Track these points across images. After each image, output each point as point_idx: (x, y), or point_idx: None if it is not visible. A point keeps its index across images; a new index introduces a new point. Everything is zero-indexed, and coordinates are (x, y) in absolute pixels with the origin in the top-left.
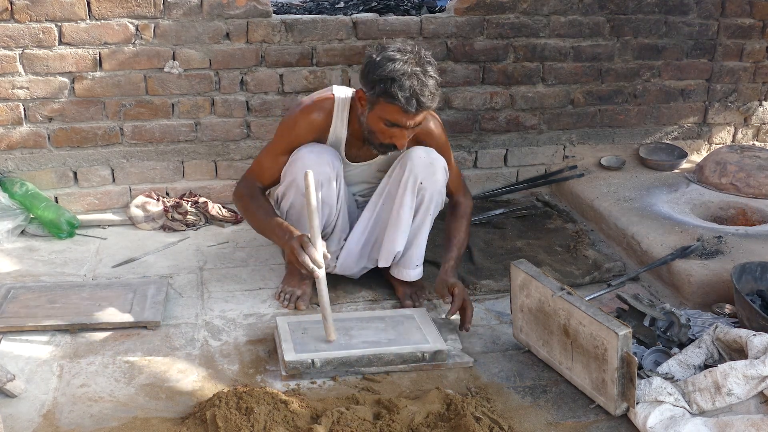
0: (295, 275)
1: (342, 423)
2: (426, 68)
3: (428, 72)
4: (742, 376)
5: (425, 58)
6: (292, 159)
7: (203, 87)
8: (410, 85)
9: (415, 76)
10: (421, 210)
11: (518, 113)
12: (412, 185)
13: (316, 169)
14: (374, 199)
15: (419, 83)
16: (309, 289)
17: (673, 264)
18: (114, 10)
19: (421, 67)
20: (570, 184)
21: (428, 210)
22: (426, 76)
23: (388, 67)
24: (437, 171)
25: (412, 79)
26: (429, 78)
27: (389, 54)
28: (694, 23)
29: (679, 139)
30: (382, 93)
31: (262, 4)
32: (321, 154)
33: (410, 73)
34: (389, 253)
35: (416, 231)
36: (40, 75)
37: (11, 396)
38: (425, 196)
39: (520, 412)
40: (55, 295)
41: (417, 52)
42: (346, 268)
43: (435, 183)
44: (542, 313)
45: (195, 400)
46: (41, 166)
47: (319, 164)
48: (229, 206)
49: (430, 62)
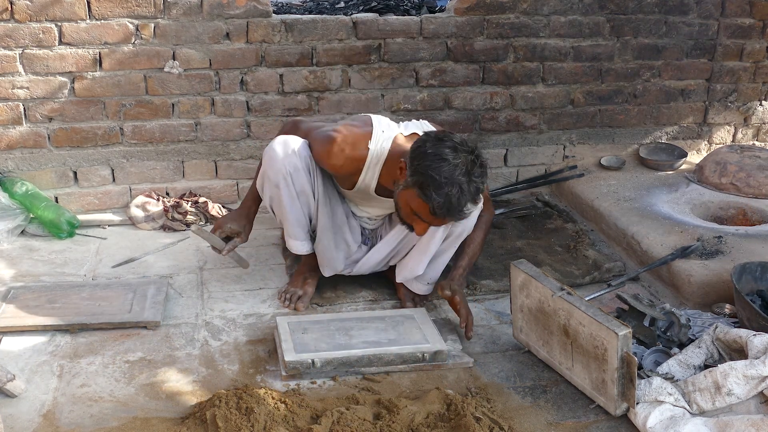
0: (299, 275)
1: (342, 423)
2: (473, 177)
3: (474, 181)
4: (742, 376)
5: (478, 162)
6: (265, 151)
7: (203, 87)
8: (448, 193)
9: (459, 186)
10: (449, 239)
11: (518, 113)
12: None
13: (284, 161)
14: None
15: (458, 194)
16: (311, 289)
17: (673, 264)
18: (114, 9)
19: (468, 176)
20: (570, 184)
21: (456, 241)
22: (470, 185)
23: (434, 166)
24: (473, 214)
25: (452, 188)
26: (472, 187)
27: (443, 151)
28: (694, 23)
29: (679, 139)
30: (419, 186)
31: (262, 4)
32: (287, 145)
33: (454, 182)
34: (410, 273)
35: (439, 254)
36: (40, 75)
37: (11, 396)
38: (455, 231)
39: (520, 412)
40: (55, 295)
41: (470, 157)
42: (361, 272)
43: (468, 221)
44: (542, 314)
45: (195, 400)
46: (41, 165)
47: (286, 156)
48: (229, 206)
49: (481, 168)
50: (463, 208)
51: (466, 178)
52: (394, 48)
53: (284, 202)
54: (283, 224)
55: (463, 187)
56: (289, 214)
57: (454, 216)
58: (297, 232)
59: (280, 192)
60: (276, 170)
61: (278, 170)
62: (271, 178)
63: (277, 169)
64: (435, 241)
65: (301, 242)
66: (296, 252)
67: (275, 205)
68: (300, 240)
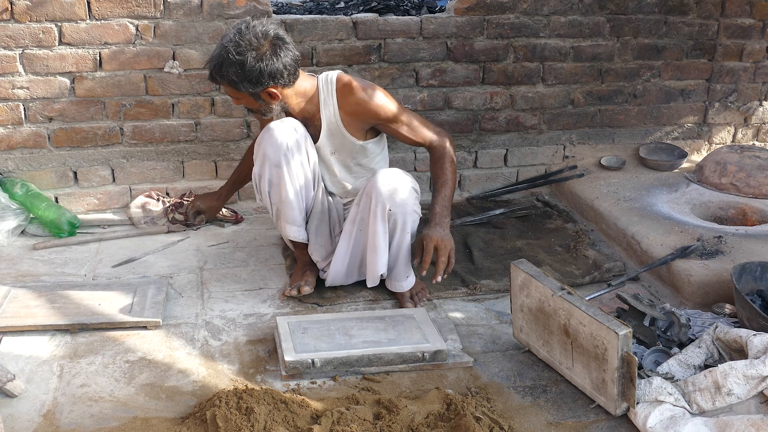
0: (298, 272)
1: (342, 423)
2: (229, 45)
3: (239, 35)
4: (742, 376)
5: (237, 29)
6: (258, 139)
7: (203, 87)
8: (220, 55)
9: (221, 47)
10: (396, 232)
11: (518, 113)
12: (381, 213)
13: (281, 137)
14: (348, 227)
15: (222, 51)
16: (313, 279)
17: (673, 264)
18: (114, 10)
19: (228, 38)
20: (570, 184)
21: (404, 230)
22: (235, 36)
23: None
24: (402, 193)
25: (221, 51)
26: (236, 38)
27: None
28: (694, 23)
29: (679, 139)
30: (230, 84)
31: (262, 4)
32: (284, 122)
33: (220, 49)
34: (374, 275)
35: (397, 250)
36: (41, 75)
37: (11, 396)
38: (397, 219)
39: (520, 412)
40: (55, 295)
41: (246, 32)
42: (337, 282)
43: (404, 206)
44: (542, 313)
45: (195, 400)
46: (41, 166)
47: (283, 132)
48: (230, 206)
49: (238, 29)
50: (236, 56)
51: (227, 39)
52: (394, 48)
53: (285, 181)
54: (281, 209)
55: (225, 44)
56: (289, 193)
57: (215, 76)
58: (295, 216)
59: (282, 171)
60: (276, 147)
61: (278, 147)
62: (271, 158)
63: (277, 146)
64: (379, 236)
65: (298, 228)
66: (294, 238)
67: (274, 189)
68: (297, 225)
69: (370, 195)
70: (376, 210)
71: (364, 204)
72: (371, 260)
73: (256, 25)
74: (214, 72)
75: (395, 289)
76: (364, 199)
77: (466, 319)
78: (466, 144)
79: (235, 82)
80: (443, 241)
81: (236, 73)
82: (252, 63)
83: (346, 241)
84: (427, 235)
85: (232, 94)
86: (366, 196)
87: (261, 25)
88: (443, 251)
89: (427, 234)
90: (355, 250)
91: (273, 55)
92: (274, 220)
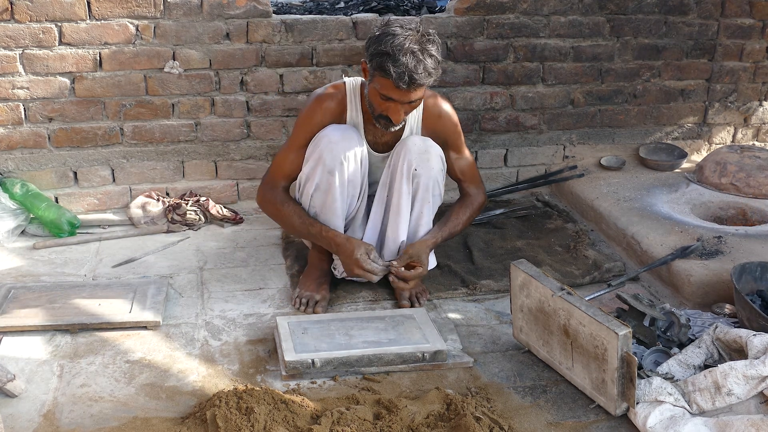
0: (313, 279)
1: (342, 423)
2: (425, 46)
3: (427, 50)
4: (742, 376)
5: (427, 36)
6: (317, 138)
7: (203, 87)
8: (405, 61)
9: (411, 53)
10: (418, 198)
11: (518, 113)
12: (407, 171)
13: (342, 144)
14: (380, 193)
15: (414, 60)
16: (327, 294)
17: (673, 264)
18: (114, 10)
19: (419, 45)
20: (570, 184)
21: (425, 199)
22: (424, 54)
23: (386, 42)
24: (432, 158)
25: (407, 56)
26: (427, 56)
27: (391, 29)
28: (694, 23)
29: (679, 139)
30: (378, 67)
31: (262, 4)
32: (345, 130)
33: (407, 50)
34: (394, 243)
35: (416, 222)
36: (41, 75)
37: (11, 396)
38: (420, 182)
39: (520, 412)
40: (55, 295)
41: (419, 30)
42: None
43: (430, 170)
44: (542, 313)
45: (195, 400)
46: (41, 166)
47: (344, 139)
48: (230, 206)
49: (432, 41)
50: (424, 71)
51: (418, 45)
52: None
53: (334, 190)
54: (321, 215)
55: (416, 53)
56: (336, 201)
57: (417, 81)
58: (337, 222)
59: (333, 179)
60: (334, 154)
61: (336, 154)
62: (327, 163)
63: (335, 153)
64: (403, 197)
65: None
66: None
67: (319, 194)
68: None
69: (399, 154)
70: (402, 168)
71: (392, 164)
72: (393, 226)
73: (398, 20)
74: (423, 75)
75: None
76: (393, 159)
77: (466, 320)
78: (466, 144)
79: (431, 75)
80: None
81: (435, 64)
82: (437, 53)
83: (376, 211)
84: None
85: (421, 94)
86: (395, 155)
87: (399, 20)
88: (419, 270)
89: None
90: (385, 219)
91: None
92: None
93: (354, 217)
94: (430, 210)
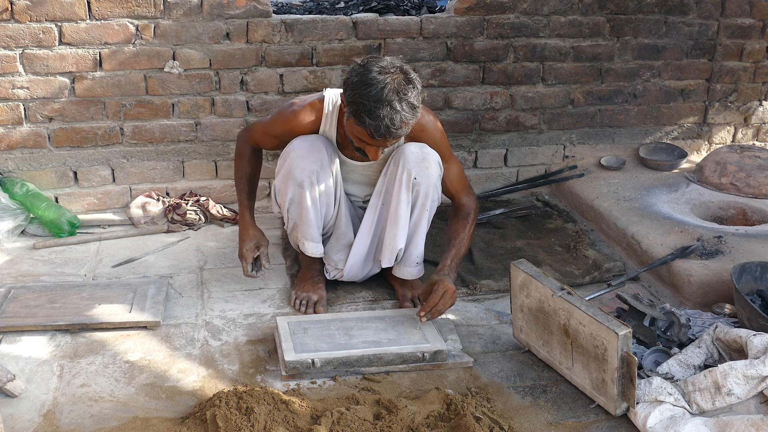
0: (308, 279)
1: (342, 423)
2: (404, 94)
3: (405, 98)
4: (742, 376)
5: (407, 78)
6: (285, 152)
7: (203, 87)
8: (381, 114)
9: (389, 105)
10: (417, 206)
11: (518, 113)
12: (406, 180)
13: (309, 157)
14: (374, 201)
15: (391, 112)
16: (324, 293)
17: (673, 264)
18: (114, 10)
19: (397, 94)
20: (570, 184)
21: (425, 205)
22: (402, 102)
23: (363, 93)
24: (430, 165)
25: (384, 109)
26: (405, 105)
27: (369, 77)
28: (694, 23)
29: (679, 139)
30: (354, 114)
31: (262, 4)
32: (314, 141)
33: (384, 101)
34: (391, 251)
35: (414, 228)
36: (41, 75)
37: (11, 396)
38: (420, 191)
39: (520, 412)
40: (55, 295)
41: (398, 74)
42: (353, 275)
43: (429, 177)
44: (542, 313)
45: (195, 400)
46: (41, 166)
47: (312, 151)
48: (230, 206)
49: (411, 85)
50: (401, 123)
51: (396, 96)
52: (394, 48)
53: (306, 203)
54: (299, 225)
55: (393, 105)
56: (309, 213)
57: (393, 134)
58: (313, 233)
59: (304, 192)
60: (302, 167)
61: (304, 167)
62: (296, 177)
63: (303, 166)
64: (402, 206)
65: (316, 244)
66: (310, 254)
67: (294, 206)
68: (315, 241)
69: (397, 163)
70: (402, 177)
71: (390, 173)
72: (391, 233)
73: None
74: (400, 127)
75: (403, 275)
76: (391, 168)
77: (466, 319)
78: (466, 144)
79: (408, 124)
80: (453, 290)
81: (413, 112)
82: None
83: (369, 218)
84: (440, 281)
85: (399, 138)
86: (393, 164)
87: (379, 63)
88: (447, 300)
89: (440, 280)
90: (377, 228)
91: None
92: (288, 231)
93: (335, 224)
94: (428, 217)
